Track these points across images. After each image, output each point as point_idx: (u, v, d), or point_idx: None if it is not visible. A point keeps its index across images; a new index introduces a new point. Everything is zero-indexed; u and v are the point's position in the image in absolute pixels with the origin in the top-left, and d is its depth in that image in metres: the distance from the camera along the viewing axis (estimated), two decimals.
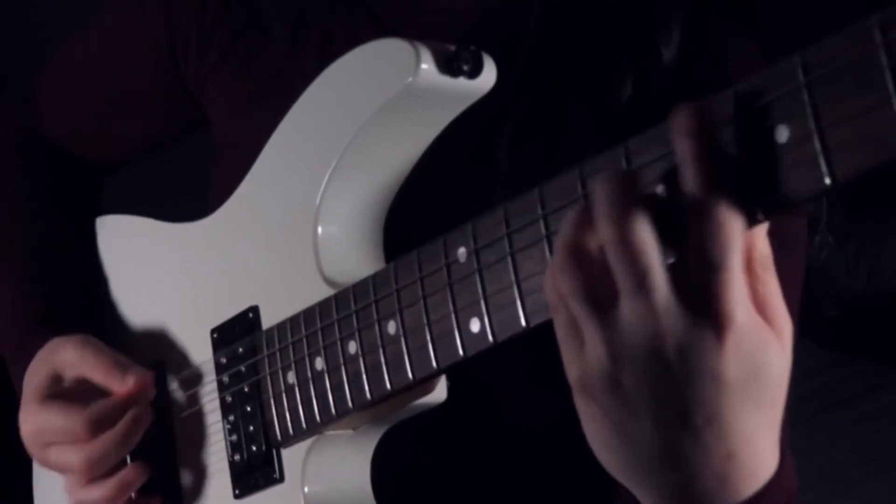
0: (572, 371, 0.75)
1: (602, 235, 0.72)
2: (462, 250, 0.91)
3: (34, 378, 1.20)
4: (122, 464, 1.18)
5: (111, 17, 1.34)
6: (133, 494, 1.18)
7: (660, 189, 0.74)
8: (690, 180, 0.71)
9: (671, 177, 0.73)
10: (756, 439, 0.74)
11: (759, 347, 0.72)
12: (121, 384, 1.16)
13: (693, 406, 0.72)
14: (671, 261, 0.72)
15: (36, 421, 1.17)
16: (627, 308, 0.71)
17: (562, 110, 1.06)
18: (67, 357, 1.19)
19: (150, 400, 1.18)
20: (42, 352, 1.22)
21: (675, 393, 0.71)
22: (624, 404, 0.73)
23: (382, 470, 1.07)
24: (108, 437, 1.15)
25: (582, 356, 0.74)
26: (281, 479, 1.09)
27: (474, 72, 1.01)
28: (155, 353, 1.25)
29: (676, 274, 0.71)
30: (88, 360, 1.18)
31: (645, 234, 0.71)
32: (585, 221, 0.74)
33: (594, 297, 0.73)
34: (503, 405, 1.11)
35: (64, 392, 1.19)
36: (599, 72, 1.06)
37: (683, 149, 0.71)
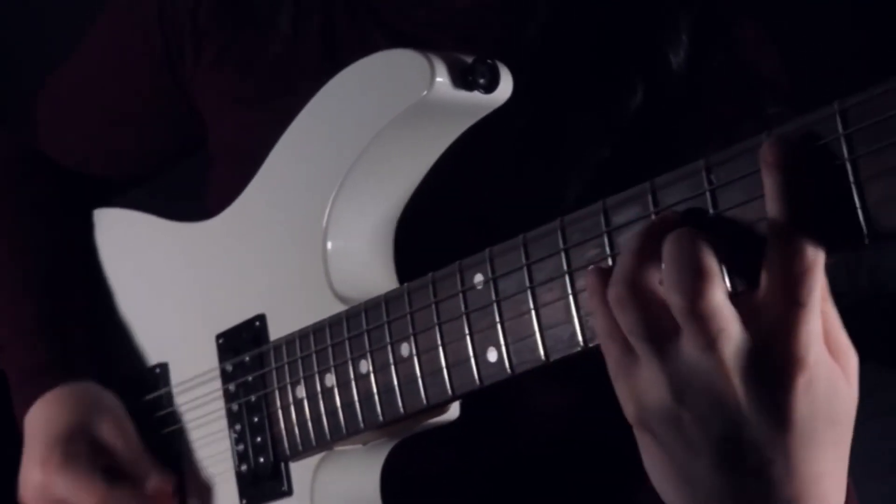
0: (629, 407, 0.74)
1: (672, 300, 0.70)
2: (479, 277, 0.89)
3: (57, 422, 1.16)
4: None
5: (106, 30, 1.31)
6: None
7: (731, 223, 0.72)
8: (777, 214, 0.68)
9: (740, 216, 0.72)
10: (823, 481, 0.72)
11: (829, 387, 0.70)
12: (143, 480, 1.14)
13: (755, 447, 0.70)
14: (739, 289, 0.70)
15: (52, 478, 1.14)
16: (691, 343, 0.70)
17: (566, 119, 1.04)
18: (106, 427, 1.16)
19: None
20: (69, 395, 1.18)
21: (736, 433, 0.70)
22: (683, 441, 0.72)
23: (393, 484, 1.06)
24: None
25: (639, 392, 0.73)
26: (289, 493, 1.08)
27: (491, 85, 0.98)
28: (157, 354, 1.24)
29: (745, 309, 0.69)
30: (122, 441, 1.16)
31: (716, 292, 0.69)
32: (645, 257, 0.72)
33: (655, 332, 0.71)
34: (517, 410, 1.09)
35: (86, 456, 1.14)
36: (605, 80, 1.04)
37: (773, 182, 0.69)
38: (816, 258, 0.68)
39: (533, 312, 0.85)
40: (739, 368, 0.69)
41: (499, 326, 0.87)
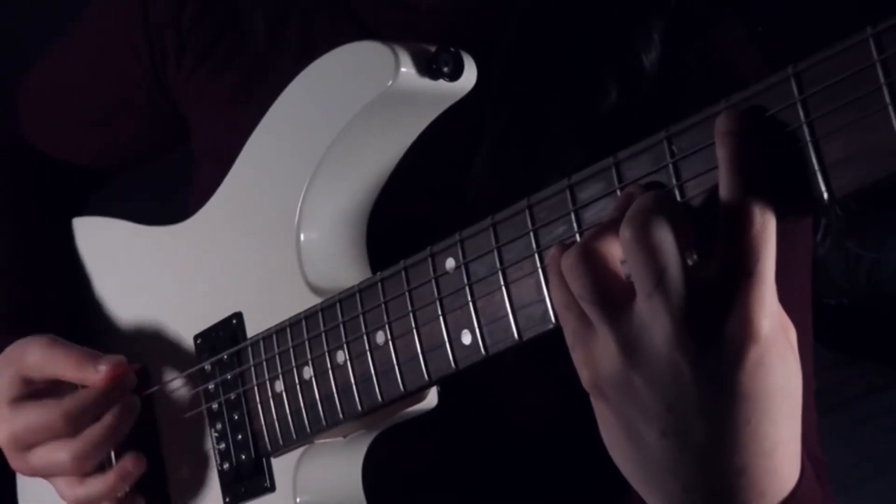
0: (584, 374, 0.74)
1: (622, 237, 0.71)
2: (451, 262, 0.90)
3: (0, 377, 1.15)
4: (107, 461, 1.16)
5: (90, 27, 1.32)
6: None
7: (688, 197, 0.73)
8: (729, 183, 0.69)
9: (701, 185, 0.72)
10: (773, 455, 0.72)
11: (781, 360, 0.71)
12: (95, 375, 1.11)
13: (703, 417, 0.70)
14: (692, 260, 0.71)
15: (11, 425, 1.13)
16: (643, 307, 0.70)
17: (541, 121, 1.04)
18: (34, 358, 1.14)
19: (132, 386, 1.14)
20: (4, 355, 1.17)
21: (685, 401, 0.70)
22: (635, 407, 0.72)
23: (374, 476, 1.06)
24: (96, 430, 1.11)
25: (593, 358, 0.73)
26: (272, 489, 1.08)
27: (455, 73, 0.99)
28: (137, 359, 1.23)
29: (700, 279, 0.69)
30: (56, 356, 1.13)
31: (663, 234, 0.70)
32: (600, 228, 0.74)
33: (606, 297, 0.72)
34: (500, 404, 1.10)
35: (35, 392, 1.14)
36: (579, 82, 1.04)
37: (724, 151, 0.70)
38: (765, 226, 0.69)
39: (505, 293, 0.85)
40: (689, 334, 0.69)
41: (472, 309, 0.88)
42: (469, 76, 1.00)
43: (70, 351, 1.14)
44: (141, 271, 1.24)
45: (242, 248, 1.12)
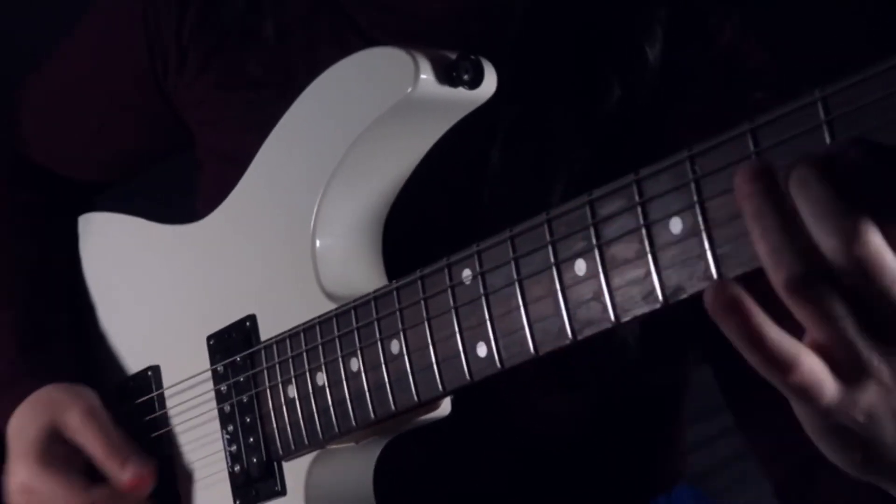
0: (814, 421, 0.73)
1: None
2: (467, 272, 0.89)
3: (31, 427, 1.17)
4: None
5: (91, 36, 1.31)
6: None
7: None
8: (814, 226, 0.68)
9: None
10: None
11: None
12: (119, 473, 1.14)
13: None
14: None
15: (32, 480, 1.16)
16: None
17: (548, 120, 1.04)
18: (72, 422, 1.16)
19: (147, 491, 1.16)
20: (39, 399, 1.19)
21: None
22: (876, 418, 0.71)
23: (386, 482, 1.06)
24: None
25: (822, 402, 0.71)
26: (283, 492, 1.08)
27: (475, 81, 0.99)
28: (148, 357, 1.24)
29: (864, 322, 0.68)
30: (91, 432, 1.15)
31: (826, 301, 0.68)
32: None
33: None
34: (513, 411, 1.10)
35: (64, 457, 1.16)
36: (584, 77, 1.04)
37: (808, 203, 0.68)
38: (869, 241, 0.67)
39: (521, 306, 0.85)
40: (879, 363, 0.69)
41: (488, 321, 0.88)
42: (489, 84, 1.00)
43: (106, 433, 1.16)
44: (153, 269, 1.24)
45: (257, 251, 1.11)
